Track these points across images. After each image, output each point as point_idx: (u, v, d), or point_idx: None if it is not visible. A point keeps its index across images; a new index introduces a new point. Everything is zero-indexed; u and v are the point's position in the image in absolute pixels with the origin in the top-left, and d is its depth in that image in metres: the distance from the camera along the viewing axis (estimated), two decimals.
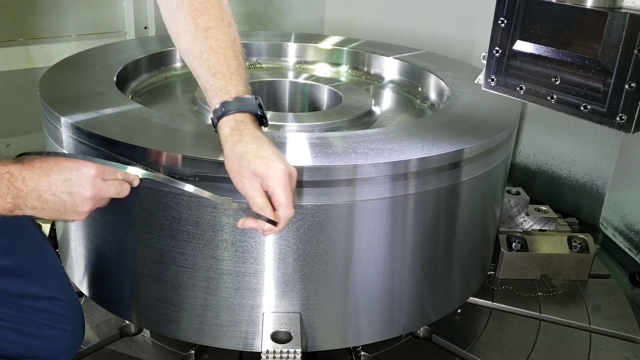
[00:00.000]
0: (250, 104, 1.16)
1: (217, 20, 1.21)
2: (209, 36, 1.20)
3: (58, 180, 1.10)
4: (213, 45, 1.19)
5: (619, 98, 1.24)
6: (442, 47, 2.78)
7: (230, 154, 1.11)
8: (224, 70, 1.18)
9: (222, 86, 1.17)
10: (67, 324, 1.40)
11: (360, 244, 1.46)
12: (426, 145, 1.49)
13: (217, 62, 1.18)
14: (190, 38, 1.21)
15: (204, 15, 1.20)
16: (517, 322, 1.89)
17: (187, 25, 1.22)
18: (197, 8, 1.21)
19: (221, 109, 1.14)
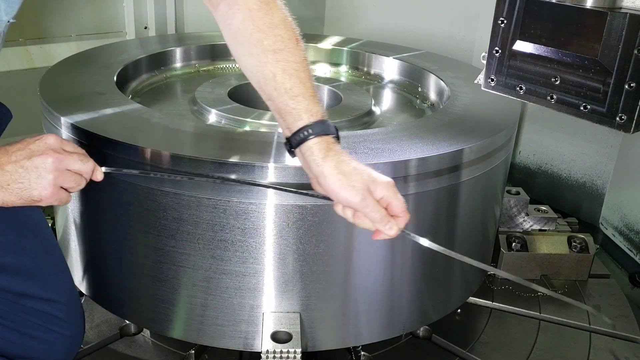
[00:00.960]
0: (331, 125, 1.17)
1: (284, 40, 1.17)
2: (280, 58, 1.17)
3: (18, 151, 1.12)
4: (286, 68, 1.17)
5: (619, 98, 1.24)
6: (442, 47, 2.78)
7: (335, 172, 1.11)
8: (304, 93, 1.16)
9: (306, 108, 1.15)
10: (65, 328, 1.39)
11: (360, 244, 1.46)
12: (426, 145, 1.49)
13: (294, 85, 1.16)
14: (259, 61, 1.18)
15: (270, 36, 1.17)
16: (517, 322, 1.89)
17: (253, 48, 1.18)
18: (262, 30, 1.17)
19: (308, 131, 1.14)
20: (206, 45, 2.31)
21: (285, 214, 1.39)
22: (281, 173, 1.35)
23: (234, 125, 1.72)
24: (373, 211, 1.11)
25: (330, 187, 1.12)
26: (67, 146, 1.15)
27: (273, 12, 1.18)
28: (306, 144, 1.14)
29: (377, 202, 1.12)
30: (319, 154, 1.13)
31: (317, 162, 1.13)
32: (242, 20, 1.18)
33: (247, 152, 1.41)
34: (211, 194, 1.37)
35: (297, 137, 1.14)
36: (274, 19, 1.18)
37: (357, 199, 1.11)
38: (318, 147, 1.13)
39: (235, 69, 2.32)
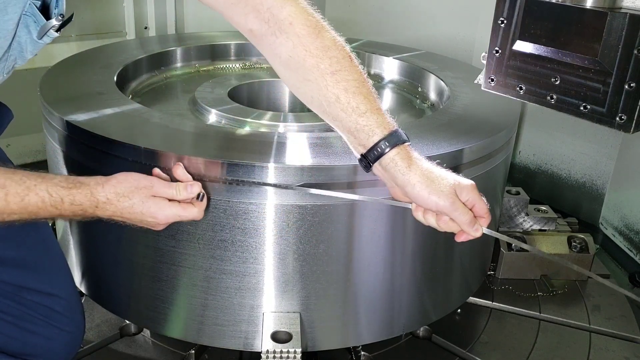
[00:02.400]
0: (403, 134, 1.17)
1: (340, 61, 1.18)
2: (340, 79, 1.17)
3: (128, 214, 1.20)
4: (348, 88, 1.17)
5: (619, 98, 1.24)
6: (442, 47, 2.78)
7: (424, 180, 1.13)
8: (371, 108, 1.17)
9: (377, 123, 1.16)
10: (64, 324, 1.40)
11: (360, 244, 1.47)
12: (426, 145, 1.49)
13: (360, 103, 1.17)
14: (319, 85, 1.18)
15: (325, 59, 1.17)
16: (517, 322, 1.89)
17: (308, 74, 1.18)
18: (315, 54, 1.16)
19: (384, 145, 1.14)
20: (206, 45, 2.31)
21: (285, 214, 1.39)
22: (281, 173, 1.35)
23: (234, 125, 1.72)
24: (462, 214, 1.13)
25: (420, 194, 1.13)
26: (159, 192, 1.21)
27: (323, 35, 1.18)
28: (386, 157, 1.15)
29: (464, 205, 1.14)
30: (403, 163, 1.14)
31: (402, 172, 1.14)
32: (292, 47, 1.17)
33: (247, 152, 1.41)
34: (211, 194, 1.37)
35: (374, 152, 1.15)
36: (325, 42, 1.18)
37: (447, 203, 1.12)
38: (400, 157, 1.15)
39: (235, 69, 2.32)
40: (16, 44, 1.15)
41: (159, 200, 1.19)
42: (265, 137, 1.50)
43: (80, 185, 1.14)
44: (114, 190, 1.16)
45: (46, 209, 1.12)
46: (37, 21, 1.14)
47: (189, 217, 1.23)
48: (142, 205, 1.18)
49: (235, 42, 2.36)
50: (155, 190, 1.19)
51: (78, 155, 1.53)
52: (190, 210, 1.23)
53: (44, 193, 1.10)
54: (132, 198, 1.17)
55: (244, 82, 2.05)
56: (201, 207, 1.25)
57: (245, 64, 2.35)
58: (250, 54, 2.36)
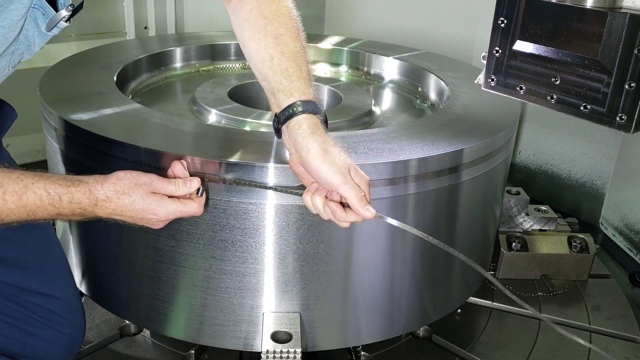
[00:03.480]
0: (321, 110, 1.20)
1: (287, 27, 1.23)
2: (280, 42, 1.21)
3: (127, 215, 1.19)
4: (284, 51, 1.21)
5: (619, 98, 1.24)
6: (442, 47, 2.78)
7: (320, 149, 1.14)
8: (298, 74, 1.20)
9: (298, 88, 1.19)
10: (65, 326, 1.39)
11: (360, 244, 1.46)
12: (426, 145, 1.48)
13: (289, 66, 1.20)
14: (260, 45, 1.23)
15: (274, 23, 1.22)
16: (517, 322, 1.89)
17: (256, 33, 1.23)
18: (267, 17, 1.23)
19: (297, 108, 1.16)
20: (206, 45, 2.31)
21: (285, 214, 1.39)
22: (281, 173, 1.35)
23: (234, 125, 1.72)
24: (352, 189, 1.12)
25: (312, 160, 1.13)
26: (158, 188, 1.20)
27: (280, 2, 1.24)
28: (295, 119, 1.16)
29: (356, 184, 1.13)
30: (307, 129, 1.16)
31: (303, 136, 1.15)
32: (249, 10, 1.24)
33: (247, 152, 1.41)
34: (211, 194, 1.37)
35: (286, 112, 1.17)
36: (279, 8, 1.24)
37: (337, 174, 1.12)
38: (307, 123, 1.16)
39: (235, 69, 2.32)
40: (23, 38, 1.15)
41: (159, 197, 1.19)
42: (265, 137, 1.50)
43: (79, 183, 1.13)
44: (113, 187, 1.15)
45: (44, 208, 1.11)
46: (46, 13, 1.14)
47: (190, 212, 1.22)
48: (143, 201, 1.17)
49: (235, 42, 2.34)
50: (154, 186, 1.18)
51: (78, 155, 1.53)
52: (191, 205, 1.22)
53: (42, 191, 1.10)
54: (132, 195, 1.16)
55: (244, 82, 2.05)
56: (201, 202, 1.24)
57: (245, 64, 2.34)
58: None
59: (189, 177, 1.24)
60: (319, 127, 1.16)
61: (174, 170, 1.26)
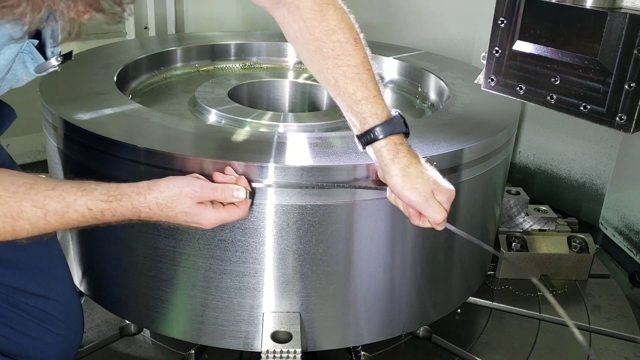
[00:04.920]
0: (399, 123, 1.20)
1: (342, 45, 1.19)
2: (339, 64, 1.19)
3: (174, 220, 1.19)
4: (346, 73, 1.19)
5: (619, 98, 1.24)
6: (442, 47, 2.78)
7: (402, 174, 1.18)
8: (366, 95, 1.19)
9: (371, 112, 1.19)
10: (60, 328, 1.38)
11: (360, 244, 1.46)
12: (426, 145, 1.48)
13: (357, 89, 1.19)
14: (321, 67, 1.22)
15: (328, 43, 1.19)
16: (517, 322, 1.89)
17: (313, 55, 1.21)
18: (319, 38, 1.19)
19: (375, 134, 1.19)
20: (206, 45, 2.31)
21: (285, 214, 1.39)
22: (281, 173, 1.35)
23: (234, 125, 1.72)
24: (434, 212, 1.18)
25: (395, 187, 1.19)
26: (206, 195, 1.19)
27: (328, 18, 1.19)
28: (375, 146, 1.20)
29: (439, 204, 1.18)
30: (388, 155, 1.19)
31: (385, 163, 1.20)
32: (298, 30, 1.21)
33: (247, 152, 1.41)
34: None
35: (365, 138, 1.20)
36: (329, 25, 1.19)
37: (419, 199, 1.18)
38: (386, 149, 1.19)
39: (235, 69, 2.32)
40: (11, 76, 1.14)
41: (202, 208, 1.17)
42: (265, 137, 1.50)
43: (121, 197, 1.12)
44: (155, 201, 1.14)
45: (87, 222, 1.11)
46: (35, 59, 1.13)
47: (234, 219, 1.23)
48: (186, 215, 1.16)
49: (236, 42, 2.36)
50: (199, 195, 1.17)
51: (78, 155, 1.53)
52: (235, 212, 1.21)
53: (84, 209, 1.09)
54: (175, 208, 1.15)
55: (244, 82, 2.05)
56: (246, 206, 1.24)
57: (245, 64, 2.35)
58: (250, 54, 2.36)
59: (236, 186, 1.22)
60: (398, 150, 1.19)
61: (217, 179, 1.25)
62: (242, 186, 1.23)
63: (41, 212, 1.06)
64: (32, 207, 1.05)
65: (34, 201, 1.05)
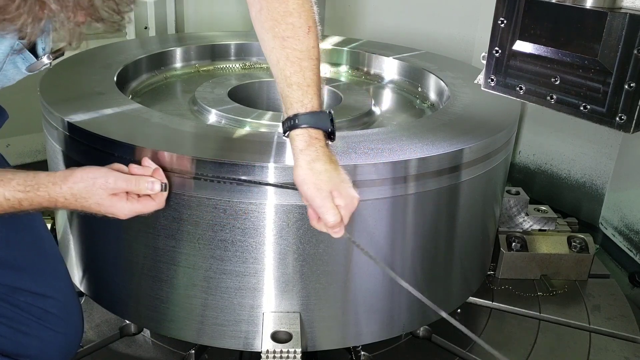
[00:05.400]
0: (324, 120, 1.19)
1: (294, 28, 1.20)
2: (286, 45, 1.20)
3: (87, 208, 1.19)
4: (289, 55, 1.20)
5: (619, 98, 1.24)
6: (442, 47, 2.78)
7: (307, 167, 1.16)
8: (300, 82, 1.19)
9: (298, 98, 1.19)
10: (60, 326, 1.38)
11: (360, 243, 1.46)
12: (426, 145, 1.49)
13: (293, 73, 1.20)
14: (269, 46, 1.23)
15: (282, 24, 1.20)
16: (516, 322, 1.89)
17: (265, 34, 1.23)
18: (275, 18, 1.20)
19: (295, 121, 1.18)
20: (206, 45, 2.31)
21: (285, 214, 1.39)
22: (281, 173, 1.35)
23: (234, 125, 1.72)
24: (328, 214, 1.14)
25: (297, 178, 1.17)
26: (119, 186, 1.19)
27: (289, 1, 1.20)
28: (292, 133, 1.18)
29: (335, 207, 1.15)
30: (300, 144, 1.17)
31: (295, 152, 1.18)
32: (259, 9, 1.22)
33: (247, 152, 1.41)
34: (211, 194, 1.37)
35: (287, 123, 1.19)
36: (288, 7, 1.20)
37: (315, 196, 1.15)
38: (300, 138, 1.17)
39: (235, 69, 2.32)
40: (2, 76, 1.15)
41: (116, 200, 1.19)
42: (265, 137, 1.50)
43: (38, 187, 1.14)
44: (70, 191, 1.16)
45: (5, 211, 1.13)
46: (26, 59, 1.13)
47: (149, 211, 1.23)
48: (99, 206, 1.18)
49: (236, 42, 2.36)
50: (113, 187, 1.18)
51: (78, 155, 1.53)
52: (149, 204, 1.22)
53: (1, 199, 1.11)
54: (89, 199, 1.17)
55: (244, 82, 2.05)
56: (161, 198, 1.24)
57: (245, 64, 2.35)
58: (250, 54, 2.36)
59: (150, 178, 1.22)
60: (312, 143, 1.17)
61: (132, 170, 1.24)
62: (158, 179, 1.23)
63: None
64: None
65: None
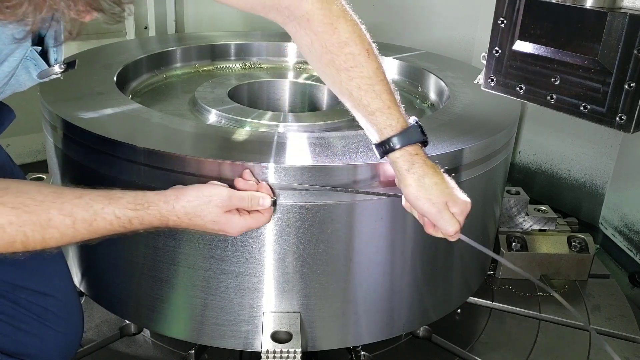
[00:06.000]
0: (415, 132, 1.21)
1: (355, 57, 1.20)
2: (353, 76, 1.20)
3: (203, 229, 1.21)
4: (360, 84, 1.20)
5: (619, 98, 1.24)
6: (442, 47, 2.78)
7: (416, 185, 1.19)
8: (381, 107, 1.20)
9: (386, 123, 1.20)
10: (59, 325, 1.38)
11: (360, 243, 1.47)
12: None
13: (371, 101, 1.20)
14: (335, 79, 1.22)
15: (340, 56, 1.19)
16: (516, 322, 1.89)
17: (325, 68, 1.22)
18: (332, 50, 1.20)
19: (390, 144, 1.19)
20: (206, 45, 2.31)
21: (285, 214, 1.39)
22: (281, 173, 1.35)
23: (234, 125, 1.72)
24: (447, 224, 1.20)
25: (409, 197, 1.21)
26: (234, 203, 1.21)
27: (339, 30, 1.20)
28: (390, 156, 1.21)
29: (453, 216, 1.20)
30: (403, 165, 1.20)
31: (401, 173, 1.21)
32: (310, 43, 1.21)
33: (247, 152, 1.41)
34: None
35: (382, 148, 1.22)
36: (341, 37, 1.20)
37: (432, 210, 1.19)
38: (402, 160, 1.20)
39: (235, 69, 2.32)
40: (14, 82, 1.15)
41: (229, 217, 1.20)
42: (265, 137, 1.51)
43: (148, 205, 1.13)
44: (184, 210, 1.16)
45: (115, 230, 1.12)
46: (38, 65, 1.13)
47: (259, 225, 1.26)
48: (214, 223, 1.19)
49: (236, 42, 2.36)
50: (228, 204, 1.19)
51: (78, 155, 1.53)
52: (260, 219, 1.25)
53: (111, 217, 1.10)
54: (205, 217, 1.17)
55: (244, 82, 2.05)
56: (270, 212, 1.27)
57: (245, 64, 2.35)
58: (250, 54, 2.36)
59: (261, 194, 1.25)
60: (414, 161, 1.20)
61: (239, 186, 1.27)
62: (267, 194, 1.26)
63: (69, 220, 1.06)
64: (60, 215, 1.05)
65: (61, 209, 1.05)
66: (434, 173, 1.20)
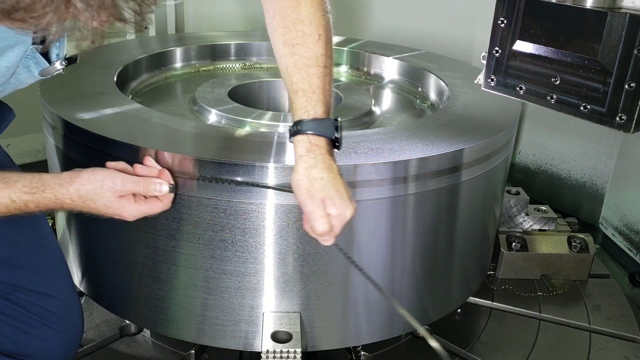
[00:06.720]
0: (327, 127, 1.19)
1: (304, 36, 1.21)
2: (295, 52, 1.21)
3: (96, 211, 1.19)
4: (297, 62, 1.21)
5: (619, 98, 1.24)
6: (442, 47, 2.78)
7: (303, 173, 1.16)
8: (305, 89, 1.20)
9: (302, 105, 1.20)
10: (59, 325, 1.39)
11: (361, 243, 1.46)
12: (426, 145, 1.49)
13: (299, 80, 1.20)
14: (280, 53, 1.24)
15: (293, 31, 1.21)
16: (517, 322, 1.89)
17: (277, 40, 1.24)
18: (287, 25, 1.21)
19: (298, 127, 1.18)
20: (206, 45, 2.31)
21: (285, 214, 1.39)
22: (281, 173, 1.35)
23: (234, 125, 1.72)
24: (317, 223, 1.14)
25: (293, 182, 1.18)
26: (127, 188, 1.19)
27: (301, 8, 1.22)
28: (294, 138, 1.19)
29: (325, 216, 1.14)
30: (300, 150, 1.18)
31: (295, 157, 1.19)
32: (272, 16, 1.24)
33: (247, 152, 1.41)
34: (212, 194, 1.37)
35: (291, 129, 1.20)
36: (300, 15, 1.21)
37: (308, 202, 1.15)
38: (301, 144, 1.18)
39: (235, 69, 2.32)
40: (14, 79, 1.15)
41: (124, 202, 1.19)
42: (265, 137, 1.50)
43: (44, 189, 1.14)
44: (77, 193, 1.16)
45: (10, 213, 1.13)
46: (39, 63, 1.14)
47: (156, 212, 1.23)
48: (108, 208, 1.18)
49: (236, 42, 2.36)
50: (120, 189, 1.18)
51: (78, 156, 1.53)
52: (157, 205, 1.23)
53: (7, 201, 1.11)
54: (97, 201, 1.17)
55: (244, 82, 2.05)
56: (168, 199, 1.24)
57: (245, 64, 2.35)
58: (250, 54, 2.36)
59: (159, 180, 1.22)
60: (312, 150, 1.17)
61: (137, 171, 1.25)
62: (165, 180, 1.23)
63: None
64: None
65: None
66: (326, 169, 1.16)
